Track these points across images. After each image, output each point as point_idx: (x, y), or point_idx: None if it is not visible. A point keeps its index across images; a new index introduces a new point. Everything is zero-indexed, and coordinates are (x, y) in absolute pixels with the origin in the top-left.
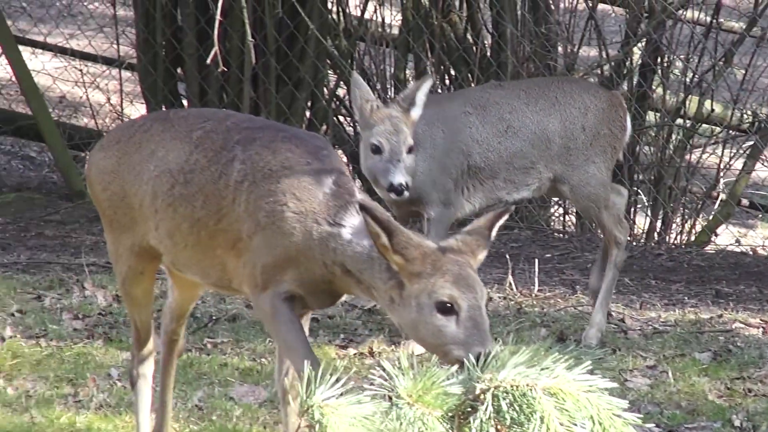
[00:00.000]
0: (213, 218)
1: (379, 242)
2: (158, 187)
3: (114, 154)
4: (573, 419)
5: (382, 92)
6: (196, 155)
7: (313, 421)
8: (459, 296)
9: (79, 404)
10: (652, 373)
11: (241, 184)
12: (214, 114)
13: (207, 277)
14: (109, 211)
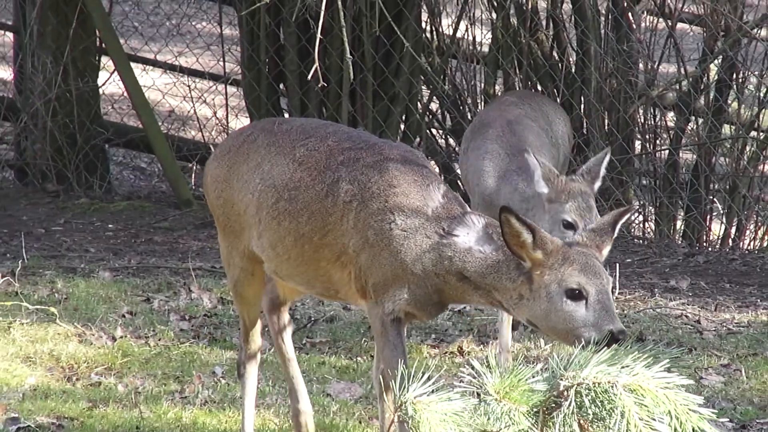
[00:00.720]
0: (318, 233)
1: (521, 240)
2: (263, 200)
3: (225, 164)
4: (651, 414)
5: (473, 106)
6: (300, 173)
7: (407, 417)
8: (586, 282)
9: (186, 400)
10: (726, 371)
11: (350, 204)
12: (316, 130)
13: (312, 287)
14: (222, 217)
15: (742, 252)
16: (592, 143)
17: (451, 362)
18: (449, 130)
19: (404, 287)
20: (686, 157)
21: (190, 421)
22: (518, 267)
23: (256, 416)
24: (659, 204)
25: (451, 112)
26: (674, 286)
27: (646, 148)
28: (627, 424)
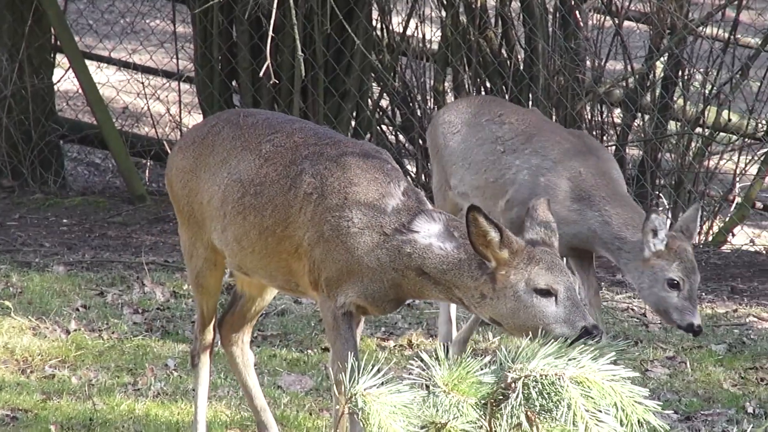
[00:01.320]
0: (281, 226)
1: (487, 239)
2: (228, 194)
3: (191, 155)
4: (598, 406)
5: (422, 103)
6: (266, 169)
7: (357, 409)
8: (554, 280)
9: (138, 392)
10: (671, 364)
11: (310, 196)
12: (282, 125)
13: (273, 279)
14: (187, 207)
15: None
16: None
17: (401, 355)
18: (399, 126)
19: (358, 282)
20: (633, 152)
21: (143, 413)
22: (480, 266)
23: (208, 408)
24: None
25: (401, 109)
26: (621, 279)
27: None
28: (573, 416)
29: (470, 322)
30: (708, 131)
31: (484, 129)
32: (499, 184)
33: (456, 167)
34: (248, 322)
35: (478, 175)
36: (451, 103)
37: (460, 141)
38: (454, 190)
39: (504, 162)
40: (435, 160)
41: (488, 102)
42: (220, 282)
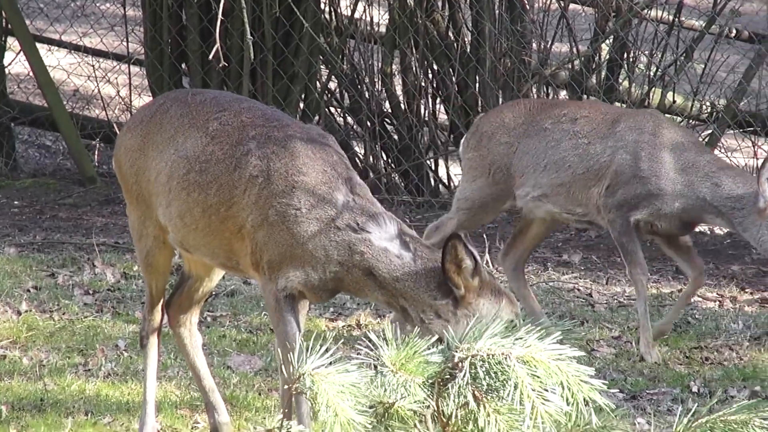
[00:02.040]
0: (225, 205)
1: (462, 267)
2: (175, 170)
3: (139, 134)
4: (544, 385)
5: (370, 85)
6: (212, 147)
7: (305, 388)
8: (516, 316)
9: (89, 373)
10: (617, 343)
11: (256, 179)
12: (230, 104)
13: (215, 257)
14: (135, 186)
15: None
16: None
17: (349, 335)
18: (347, 108)
19: (300, 268)
20: None
21: (94, 393)
22: (440, 287)
23: (158, 388)
24: None
25: (349, 91)
26: (567, 260)
27: None
28: (520, 395)
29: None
30: None
31: (554, 131)
32: (592, 172)
33: (526, 177)
34: (196, 303)
35: (560, 172)
36: (491, 120)
37: (523, 153)
38: (524, 197)
39: (593, 150)
40: (486, 178)
41: (539, 107)
42: (170, 262)
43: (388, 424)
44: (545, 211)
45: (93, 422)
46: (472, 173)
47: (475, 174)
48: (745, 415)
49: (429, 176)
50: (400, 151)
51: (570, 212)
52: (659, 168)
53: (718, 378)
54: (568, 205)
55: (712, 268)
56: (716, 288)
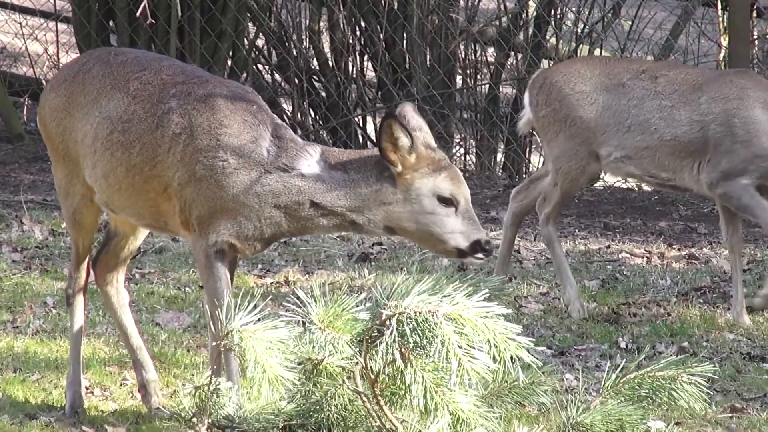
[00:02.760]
0: (148, 164)
1: (398, 144)
2: (99, 131)
3: (63, 93)
4: (471, 342)
5: (298, 42)
6: (133, 106)
7: (233, 345)
8: (457, 191)
9: (17, 330)
10: (545, 300)
11: (179, 137)
12: (150, 63)
13: (141, 218)
14: (62, 145)
15: None
16: (414, 78)
17: (277, 292)
18: (275, 65)
19: (231, 220)
20: (506, 91)
21: (22, 350)
22: (379, 175)
23: (87, 345)
24: (480, 137)
25: (276, 49)
26: (495, 216)
27: (467, 83)
28: (447, 353)
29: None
30: None
31: (633, 88)
32: (681, 143)
33: (607, 135)
34: (122, 261)
35: (645, 135)
36: (562, 71)
37: (603, 108)
38: (607, 158)
39: (678, 117)
40: (562, 134)
41: (612, 60)
42: (97, 220)
43: (317, 380)
44: (626, 172)
45: (21, 379)
46: (552, 130)
47: (555, 130)
48: (672, 370)
49: (357, 133)
50: (328, 108)
51: (653, 176)
52: (756, 128)
53: (646, 334)
54: (652, 169)
55: (640, 224)
56: (644, 244)
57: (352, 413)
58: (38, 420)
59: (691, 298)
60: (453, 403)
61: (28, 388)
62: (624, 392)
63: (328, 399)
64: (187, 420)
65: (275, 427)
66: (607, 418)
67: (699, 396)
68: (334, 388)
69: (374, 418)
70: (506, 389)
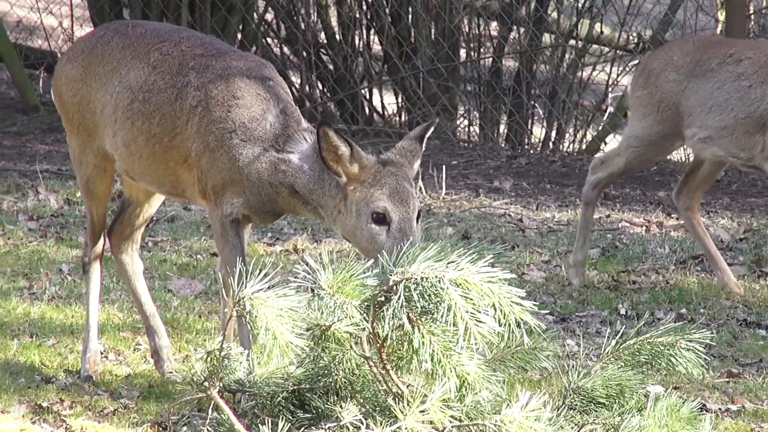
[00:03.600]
0: (168, 135)
1: (338, 154)
2: (119, 101)
3: (81, 64)
4: (477, 307)
5: (306, 16)
6: (153, 76)
7: (244, 312)
8: (392, 209)
9: (34, 296)
10: (547, 267)
11: (195, 109)
12: (170, 34)
13: (161, 186)
14: (77, 115)
15: (561, 154)
16: (419, 51)
17: (287, 259)
18: (284, 39)
19: (241, 192)
20: (509, 64)
21: (38, 316)
22: (338, 185)
23: (102, 311)
24: (483, 109)
25: (285, 22)
26: (498, 186)
27: (471, 56)
28: (454, 317)
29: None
30: (581, 43)
31: (719, 72)
32: (753, 118)
33: (693, 117)
34: (137, 229)
35: (723, 115)
36: (659, 56)
37: (691, 92)
38: (692, 138)
39: (753, 95)
40: (651, 118)
41: (706, 45)
42: (110, 189)
43: (326, 345)
44: (711, 153)
45: (38, 344)
46: (641, 111)
47: (645, 112)
48: (671, 336)
49: (363, 105)
50: (336, 81)
51: (735, 156)
52: None
53: (646, 301)
54: (732, 148)
55: (639, 194)
56: (643, 213)
57: (360, 377)
58: (54, 384)
59: (689, 266)
60: (460, 367)
61: (45, 352)
62: (624, 358)
63: (336, 364)
64: (198, 384)
65: (284, 390)
66: (608, 383)
67: (697, 361)
68: (342, 353)
69: (381, 382)
70: (509, 354)
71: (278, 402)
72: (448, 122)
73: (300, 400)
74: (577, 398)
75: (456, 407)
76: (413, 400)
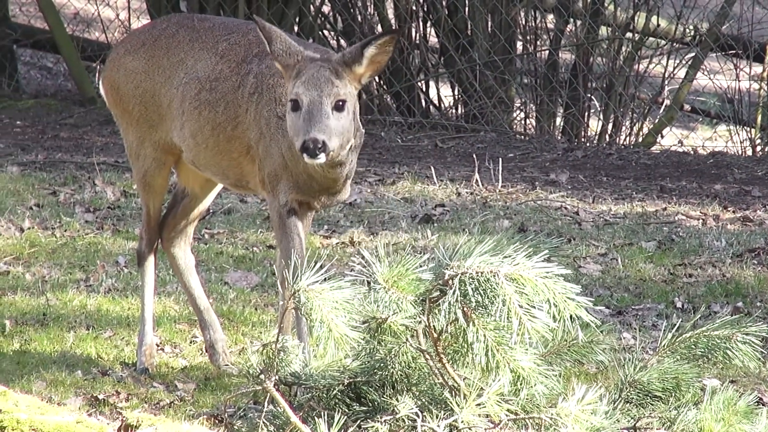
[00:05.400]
0: (231, 124)
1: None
2: (187, 92)
3: (143, 56)
4: (532, 302)
5: (363, 8)
6: (221, 65)
7: (300, 304)
8: (303, 93)
9: (90, 288)
10: (603, 260)
11: (252, 96)
12: (238, 27)
13: (226, 177)
14: (138, 108)
15: (618, 147)
16: (476, 44)
17: (343, 252)
18: (340, 31)
19: (290, 176)
20: (565, 57)
21: (95, 308)
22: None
23: (157, 303)
24: (540, 102)
25: (342, 15)
26: (554, 179)
27: (527, 49)
28: (508, 312)
29: None
30: (638, 36)
31: None
32: None
33: None
34: (190, 223)
35: None
36: None
37: None
38: None
39: None
40: None
41: None
42: (167, 182)
43: (381, 338)
44: None
45: (94, 336)
46: None
47: None
48: (727, 330)
49: (420, 98)
50: (392, 73)
51: None
52: None
53: (702, 294)
54: None
55: (695, 187)
56: (699, 207)
57: (415, 371)
58: (110, 376)
59: (746, 259)
60: (514, 361)
61: (101, 345)
62: (680, 351)
63: (392, 357)
64: (254, 376)
65: (340, 383)
66: (664, 376)
67: (753, 355)
68: (397, 346)
69: (437, 375)
70: (565, 348)
71: (334, 395)
72: (504, 115)
73: (356, 393)
74: (634, 391)
75: (512, 401)
76: (469, 394)
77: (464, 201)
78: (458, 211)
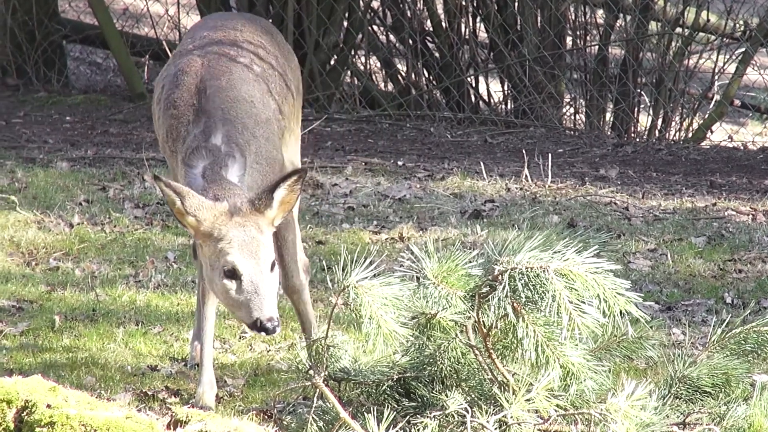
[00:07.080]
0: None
1: (176, 208)
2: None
3: None
4: (581, 297)
5: (412, 4)
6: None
7: (349, 300)
8: (241, 263)
9: (139, 284)
10: (652, 256)
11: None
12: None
13: None
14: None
15: (668, 142)
16: (526, 39)
17: (392, 248)
18: (390, 27)
19: None
20: (615, 52)
21: (144, 304)
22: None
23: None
24: (589, 97)
25: (391, 10)
26: (604, 174)
27: (577, 44)
28: (558, 307)
29: None
30: (687, 31)
31: None
32: None
33: None
34: None
35: None
36: None
37: None
38: None
39: None
40: None
41: None
42: None
43: (430, 334)
44: None
45: (143, 332)
46: None
47: None
48: None
49: (469, 93)
50: (442, 69)
51: None
52: None
53: (752, 290)
54: None
55: (745, 182)
56: (749, 202)
57: (465, 366)
58: (160, 371)
59: None
60: (563, 357)
61: (150, 340)
62: (729, 346)
63: (441, 352)
64: (303, 372)
65: (389, 379)
66: (713, 372)
67: None
68: (447, 342)
69: (486, 370)
70: (615, 343)
71: (383, 390)
72: (554, 110)
73: (405, 388)
74: (683, 387)
75: (561, 396)
76: (519, 389)
77: (513, 196)
78: (507, 207)
